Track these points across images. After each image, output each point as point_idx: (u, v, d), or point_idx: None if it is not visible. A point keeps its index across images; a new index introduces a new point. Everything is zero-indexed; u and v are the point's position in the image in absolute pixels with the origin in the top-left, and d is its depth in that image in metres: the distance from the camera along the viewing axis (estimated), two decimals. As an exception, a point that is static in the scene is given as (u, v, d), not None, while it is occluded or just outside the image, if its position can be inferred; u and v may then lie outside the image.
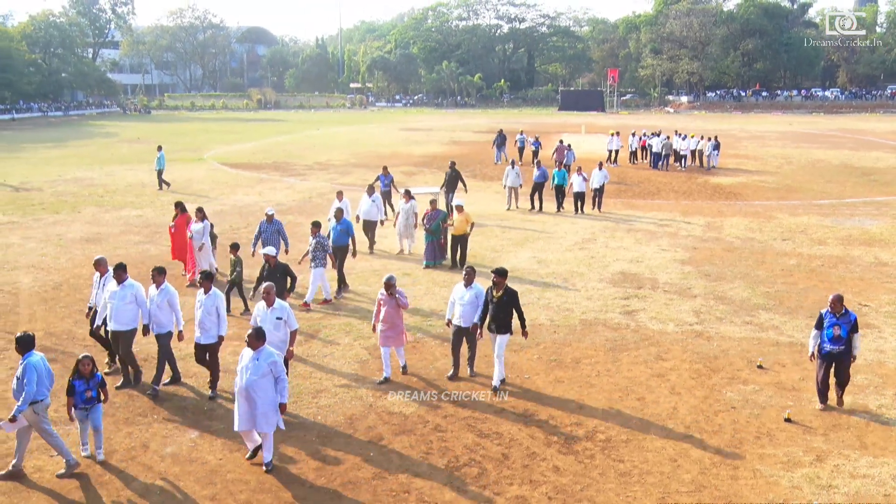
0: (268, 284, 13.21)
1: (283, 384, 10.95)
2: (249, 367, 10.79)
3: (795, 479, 10.97)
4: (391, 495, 10.57)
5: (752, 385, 14.23)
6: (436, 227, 22.45)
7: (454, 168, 30.64)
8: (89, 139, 68.04)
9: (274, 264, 16.14)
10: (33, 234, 26.62)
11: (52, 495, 10.43)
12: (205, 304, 13.50)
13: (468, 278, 14.31)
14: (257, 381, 10.72)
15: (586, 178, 31.18)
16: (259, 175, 43.12)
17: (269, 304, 12.95)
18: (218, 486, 10.76)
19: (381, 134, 74.23)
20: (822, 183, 40.78)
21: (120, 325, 13.76)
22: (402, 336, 14.38)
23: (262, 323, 12.57)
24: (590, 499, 10.47)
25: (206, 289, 13.65)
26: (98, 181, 39.91)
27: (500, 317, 13.86)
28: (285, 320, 12.94)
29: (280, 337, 12.78)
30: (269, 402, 10.83)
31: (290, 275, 16.25)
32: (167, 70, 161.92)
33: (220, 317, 13.59)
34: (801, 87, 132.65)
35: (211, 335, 13.58)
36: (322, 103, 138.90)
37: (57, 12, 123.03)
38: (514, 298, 13.97)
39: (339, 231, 20.15)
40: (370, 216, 24.21)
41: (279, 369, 10.94)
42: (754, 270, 22.37)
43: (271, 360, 10.89)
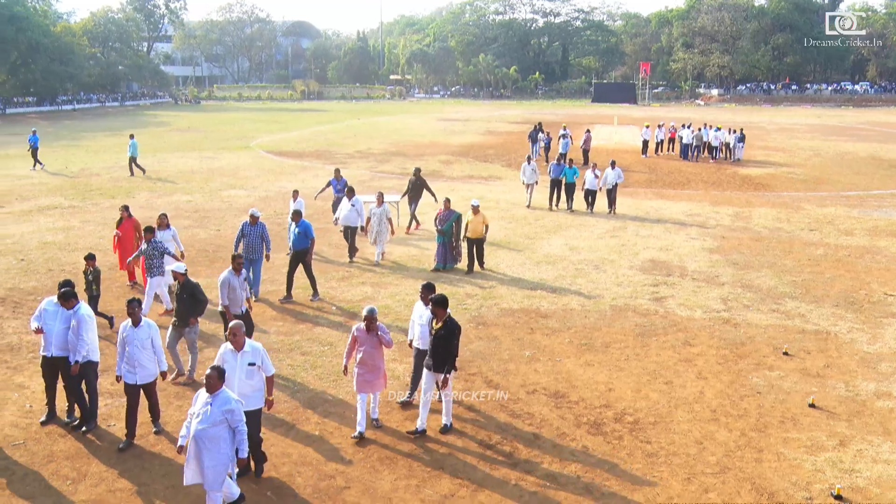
0: (235, 324, 10.40)
1: (241, 436, 9.07)
2: (202, 413, 8.96)
3: (818, 462, 10.90)
4: (426, 471, 10.65)
5: (777, 371, 14.13)
6: (448, 228, 20.41)
7: (419, 175, 25.97)
8: (143, 128, 68.71)
9: (182, 282, 13.33)
10: (91, 218, 27.01)
11: (111, 463, 10.65)
12: (138, 337, 11.14)
13: (424, 296, 12.23)
14: (207, 430, 8.91)
15: (598, 175, 29.18)
16: (302, 163, 43.34)
17: (237, 346, 10.21)
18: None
19: (419, 124, 74.25)
20: (850, 175, 40.22)
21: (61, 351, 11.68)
22: (382, 379, 11.73)
23: (230, 371, 9.98)
24: (617, 478, 10.47)
25: (137, 320, 11.27)
26: (151, 168, 40.28)
27: (438, 353, 11.41)
28: (259, 366, 10.33)
29: (253, 385, 10.28)
30: (221, 456, 9.01)
31: (199, 297, 13.37)
32: (216, 62, 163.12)
33: (156, 350, 11.35)
34: (830, 80, 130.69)
35: (150, 372, 11.33)
36: (363, 94, 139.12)
37: (115, 8, 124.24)
38: (452, 333, 11.43)
39: (297, 234, 18.09)
40: (349, 221, 21.55)
41: (236, 418, 9.02)
42: (781, 260, 22.17)
43: (227, 406, 8.97)
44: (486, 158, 45.88)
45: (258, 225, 17.71)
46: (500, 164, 42.91)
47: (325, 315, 16.79)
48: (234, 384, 9.89)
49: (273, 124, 73.27)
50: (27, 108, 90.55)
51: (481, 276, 20.09)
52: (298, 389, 13.13)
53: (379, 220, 21.05)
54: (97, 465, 10.60)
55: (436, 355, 11.45)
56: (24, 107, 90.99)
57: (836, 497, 9.99)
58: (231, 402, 9.04)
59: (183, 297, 13.16)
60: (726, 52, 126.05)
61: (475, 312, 17.18)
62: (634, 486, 10.28)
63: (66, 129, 66.41)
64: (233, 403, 9.05)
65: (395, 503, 9.91)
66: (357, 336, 11.49)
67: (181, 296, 13.20)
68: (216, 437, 8.95)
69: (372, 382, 11.51)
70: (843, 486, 10.20)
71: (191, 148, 50.74)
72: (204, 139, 57.29)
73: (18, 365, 13.94)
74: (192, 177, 37.45)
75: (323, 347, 14.93)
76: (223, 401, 9.01)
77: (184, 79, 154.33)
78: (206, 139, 57.17)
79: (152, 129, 68.06)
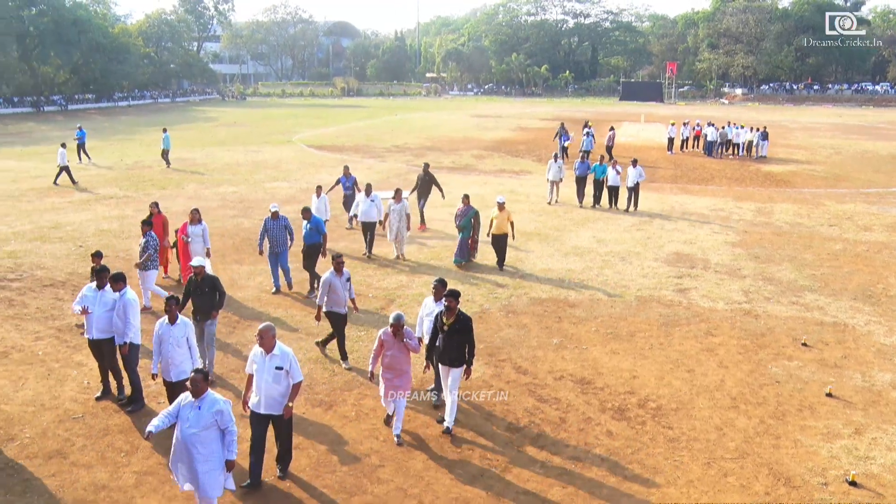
0: (265, 326, 9.74)
1: (230, 437, 8.60)
2: (189, 417, 8.46)
3: (834, 449, 10.79)
4: (456, 452, 10.68)
5: (796, 361, 13.99)
6: (466, 223, 19.79)
7: (427, 171, 24.87)
8: (192, 123, 69.36)
9: (203, 276, 12.87)
10: (144, 208, 27.03)
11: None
12: (174, 335, 10.80)
13: (437, 292, 11.89)
14: (197, 434, 8.44)
15: (620, 171, 28.43)
16: (341, 156, 43.43)
17: (266, 349, 9.62)
18: (300, 437, 10.97)
19: (453, 120, 74.13)
20: (870, 172, 39.59)
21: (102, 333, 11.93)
22: (409, 382, 11.14)
23: (259, 373, 9.62)
24: (640, 462, 10.45)
25: (173, 318, 10.87)
26: (199, 161, 40.68)
27: (452, 348, 11.04)
28: (287, 370, 9.69)
29: (280, 391, 9.66)
30: (214, 459, 8.57)
31: (219, 290, 12.99)
32: (261, 61, 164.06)
33: (191, 348, 11.01)
34: (851, 81, 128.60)
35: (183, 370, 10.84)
36: (400, 91, 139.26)
37: (168, 10, 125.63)
38: (468, 327, 11.09)
39: (308, 229, 17.55)
40: (368, 217, 20.72)
41: (226, 419, 8.54)
42: (802, 254, 21.90)
43: (216, 408, 8.49)
44: (517, 153, 45.73)
45: (280, 218, 17.45)
46: (530, 159, 42.74)
47: (363, 301, 16.85)
48: (261, 387, 9.56)
49: (314, 120, 73.55)
50: (87, 105, 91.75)
51: (511, 266, 20.05)
52: (337, 372, 13.21)
53: (399, 216, 20.21)
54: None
55: (451, 350, 11.02)
56: (83, 103, 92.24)
57: (851, 483, 9.90)
58: (219, 403, 8.55)
59: (204, 291, 12.73)
60: (750, 53, 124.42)
61: (505, 301, 17.17)
62: (656, 470, 10.24)
63: (122, 124, 67.18)
64: (221, 404, 8.56)
65: (427, 481, 9.95)
66: (384, 340, 10.91)
67: (202, 289, 12.73)
68: (207, 440, 8.50)
69: (399, 388, 10.91)
70: (858, 473, 10.10)
71: (236, 142, 51.12)
72: (249, 134, 57.68)
73: (77, 344, 14.15)
74: (238, 169, 37.70)
75: (360, 332, 14.99)
76: (211, 402, 8.51)
77: (231, 76, 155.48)
78: (251, 134, 57.55)
79: (201, 124, 68.63)
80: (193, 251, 16.88)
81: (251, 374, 9.80)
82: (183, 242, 17.28)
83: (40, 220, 25.09)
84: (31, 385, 12.51)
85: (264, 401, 9.59)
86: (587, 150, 37.84)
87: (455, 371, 11.08)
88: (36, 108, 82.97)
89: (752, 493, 9.75)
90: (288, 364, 9.66)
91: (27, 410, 11.67)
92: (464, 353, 11.05)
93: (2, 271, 19.07)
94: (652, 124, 66.70)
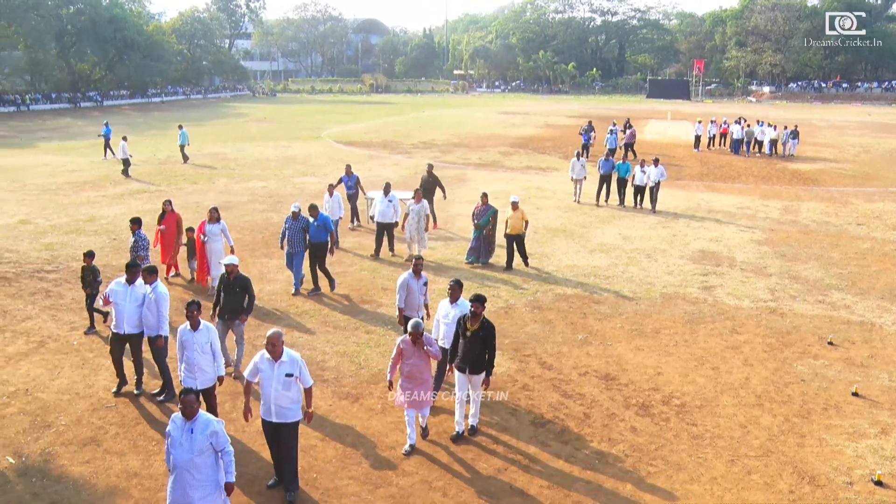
0: (275, 333, 9.33)
1: (228, 458, 8.00)
2: (182, 441, 7.79)
3: (860, 449, 10.66)
4: (481, 445, 10.68)
5: (822, 360, 13.84)
6: (484, 223, 19.40)
7: (431, 172, 23.95)
8: (224, 119, 69.82)
9: (235, 276, 12.52)
10: (176, 202, 27.15)
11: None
12: (197, 341, 10.32)
13: (453, 294, 11.59)
14: (193, 459, 7.77)
15: (646, 171, 27.55)
16: (369, 152, 43.57)
17: (275, 356, 9.23)
18: (327, 428, 11.05)
19: (481, 117, 73.98)
20: (898, 171, 39.04)
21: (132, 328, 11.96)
22: (430, 394, 10.63)
23: (267, 381, 9.19)
24: (663, 458, 10.39)
25: (196, 323, 10.39)
26: (230, 156, 40.97)
27: (473, 354, 10.55)
28: (297, 376, 9.31)
29: (291, 397, 9.28)
30: (209, 485, 7.94)
31: (250, 292, 12.57)
32: (291, 58, 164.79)
33: (215, 354, 10.55)
34: (881, 79, 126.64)
35: (210, 378, 10.51)
36: (428, 88, 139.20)
37: (201, 8, 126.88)
38: (491, 334, 10.64)
39: (315, 227, 17.08)
40: (385, 217, 19.97)
41: (221, 440, 7.94)
42: (829, 252, 21.65)
43: (210, 429, 7.86)
44: (543, 150, 45.58)
45: (300, 219, 16.93)
46: (557, 156, 42.55)
47: (390, 295, 16.89)
48: (270, 395, 9.15)
49: (343, 116, 73.75)
50: (121, 101, 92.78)
51: (538, 262, 19.99)
52: (363, 365, 13.25)
53: (417, 216, 19.61)
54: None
55: (471, 357, 10.56)
56: (118, 99, 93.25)
57: (877, 483, 9.78)
58: (213, 424, 7.93)
59: (236, 290, 12.41)
60: (778, 51, 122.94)
61: (531, 297, 17.13)
62: (679, 466, 10.18)
63: (155, 119, 67.76)
64: (215, 424, 7.95)
65: (452, 474, 9.96)
66: (403, 349, 10.36)
67: (233, 288, 12.42)
68: (202, 465, 7.85)
69: (420, 401, 10.40)
70: (884, 473, 9.98)
71: (266, 137, 51.40)
72: (279, 129, 58.01)
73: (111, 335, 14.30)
74: (268, 164, 37.91)
75: (386, 327, 15.02)
76: (204, 424, 7.88)
77: (261, 73, 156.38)
78: (281, 129, 57.88)
79: (232, 119, 69.07)
80: (211, 250, 16.68)
81: (250, 381, 9.45)
82: (200, 242, 16.84)
83: (76, 213, 25.40)
84: (67, 374, 12.69)
85: (274, 409, 9.23)
86: (611, 149, 37.63)
87: (475, 377, 10.71)
88: (73, 104, 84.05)
89: (775, 491, 9.67)
90: (297, 370, 9.29)
91: (62, 399, 11.85)
92: (484, 359, 10.62)
93: (39, 263, 19.34)
94: (679, 122, 66.16)
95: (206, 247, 16.75)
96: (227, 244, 17.20)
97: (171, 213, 17.57)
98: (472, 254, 19.74)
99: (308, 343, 14.24)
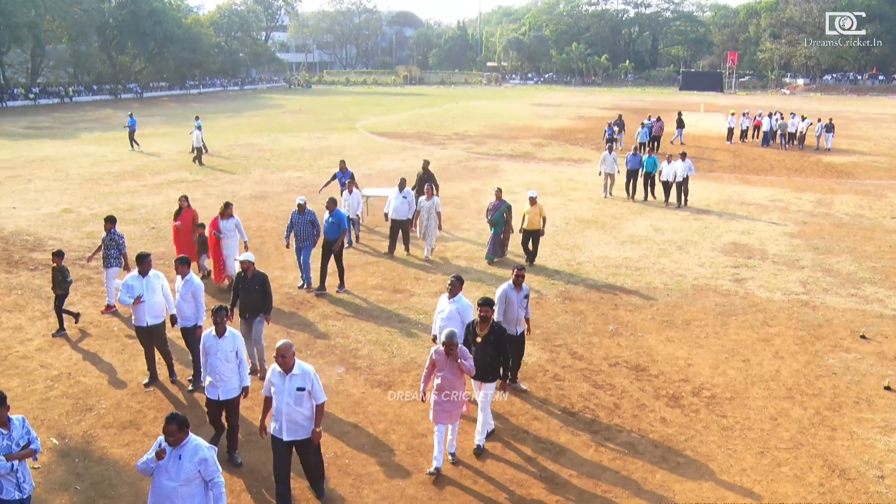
0: (285, 344, 8.62)
1: (218, 490, 7.23)
2: (170, 469, 7.07)
3: (892, 443, 10.51)
4: (512, 434, 10.68)
5: (854, 353, 13.64)
6: (498, 219, 18.72)
7: (427, 169, 22.32)
8: (260, 110, 70.25)
9: (252, 273, 12.15)
10: (212, 191, 27.79)
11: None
12: (222, 349, 9.67)
13: (452, 289, 10.97)
14: (176, 489, 7.06)
15: (672, 165, 26.35)
16: (403, 143, 43.60)
17: (285, 369, 8.57)
18: (360, 415, 11.11)
19: (513, 108, 73.69)
20: (935, 164, 38.30)
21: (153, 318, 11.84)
22: (461, 409, 9.79)
23: (278, 395, 8.56)
24: (693, 449, 10.32)
25: (222, 330, 9.75)
26: (266, 146, 41.22)
27: (485, 361, 9.95)
28: (309, 391, 8.61)
29: (304, 413, 8.62)
30: None
31: (267, 290, 12.18)
32: (326, 49, 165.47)
33: (241, 364, 9.82)
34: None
35: (232, 388, 9.78)
36: (461, 80, 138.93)
37: (238, 1, 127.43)
38: (502, 338, 10.15)
39: (329, 223, 16.42)
40: (399, 214, 19.11)
41: (211, 469, 7.16)
42: (862, 246, 21.31)
43: (199, 456, 7.11)
44: (576, 142, 45.30)
45: (306, 212, 16.39)
46: (589, 148, 42.25)
47: (422, 285, 16.92)
48: (282, 411, 8.53)
49: (377, 107, 73.85)
50: (160, 92, 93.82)
51: (569, 253, 19.92)
52: (396, 354, 13.30)
53: (428, 213, 18.93)
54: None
55: (483, 364, 9.91)
56: (157, 91, 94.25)
57: (909, 477, 9.64)
58: (202, 451, 7.16)
59: (254, 288, 11.99)
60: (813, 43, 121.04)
61: (562, 288, 17.08)
62: (709, 457, 10.11)
63: (193, 110, 68.21)
64: (205, 451, 7.18)
65: (483, 462, 9.97)
66: (436, 360, 9.60)
67: (251, 286, 12.00)
68: (189, 496, 7.13)
69: (451, 412, 9.64)
70: (916, 467, 9.83)
71: (302, 128, 51.64)
72: (314, 120, 58.28)
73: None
74: (303, 155, 38.09)
75: (419, 315, 15.06)
76: (193, 451, 7.13)
77: (297, 65, 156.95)
78: (316, 120, 58.14)
79: (268, 110, 69.47)
80: (226, 246, 16.21)
81: (268, 396, 8.78)
82: (214, 238, 16.24)
83: (116, 202, 25.73)
84: (107, 359, 12.89)
85: (286, 426, 8.57)
86: (641, 143, 37.13)
87: (488, 386, 10.14)
88: (113, 96, 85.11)
89: (805, 483, 9.56)
90: (310, 384, 8.60)
91: (103, 383, 12.06)
92: (497, 366, 10.12)
93: (81, 251, 19.62)
94: (711, 114, 65.41)
95: (221, 243, 16.23)
96: (241, 240, 16.59)
97: (188, 209, 17.01)
98: (492, 251, 19.07)
99: (341, 331, 14.33)
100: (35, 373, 12.41)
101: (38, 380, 12.14)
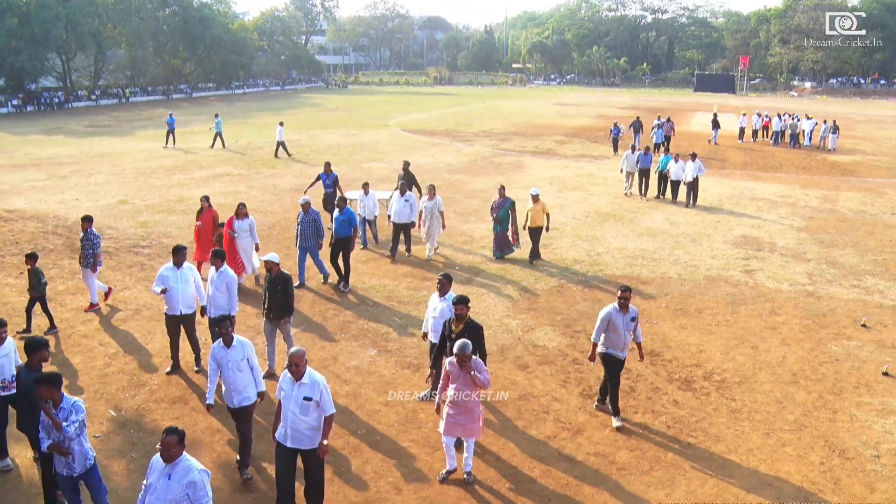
0: (297, 352, 7.95)
1: None
2: (158, 486, 6.47)
3: (888, 425, 10.42)
4: (532, 414, 10.68)
5: (855, 341, 13.49)
6: (503, 216, 17.99)
7: (407, 170, 20.82)
8: (299, 108, 70.44)
9: (276, 273, 11.56)
10: (255, 184, 27.96)
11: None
12: (233, 359, 8.94)
13: (442, 288, 10.58)
14: None
15: (679, 164, 25.80)
16: (433, 140, 43.55)
17: (297, 376, 7.88)
18: (390, 395, 11.16)
19: (537, 107, 73.22)
20: (936, 163, 37.60)
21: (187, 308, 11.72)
22: (476, 424, 8.88)
23: (286, 401, 7.91)
24: (703, 430, 10.27)
25: (229, 340, 9.02)
26: (305, 142, 41.34)
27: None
28: (317, 401, 7.87)
29: (309, 423, 7.90)
30: None
31: (289, 292, 11.57)
32: (362, 52, 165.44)
33: (254, 370, 9.11)
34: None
35: (247, 396, 9.04)
36: (488, 80, 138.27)
37: (280, 7, 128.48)
38: (478, 335, 9.58)
39: (340, 221, 15.90)
40: (401, 217, 18.03)
41: (199, 494, 6.45)
42: (864, 240, 21.02)
43: (188, 478, 6.44)
44: (596, 140, 44.95)
45: (310, 212, 15.70)
46: (609, 145, 41.79)
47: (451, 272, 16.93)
48: (287, 417, 7.91)
49: (408, 106, 73.76)
50: (208, 93, 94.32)
51: (589, 245, 19.83)
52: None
53: (430, 213, 17.99)
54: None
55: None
56: (205, 91, 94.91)
57: (908, 459, 9.53)
58: (193, 473, 6.47)
59: (278, 289, 11.48)
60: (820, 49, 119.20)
61: (582, 277, 17.02)
62: (718, 438, 10.06)
63: (238, 109, 68.69)
64: (195, 474, 6.47)
65: (505, 439, 9.99)
66: (450, 371, 8.85)
67: (275, 287, 11.49)
68: None
69: (464, 426, 8.80)
70: (915, 450, 9.71)
71: (338, 126, 51.73)
72: (349, 118, 58.35)
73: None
74: (339, 150, 38.14)
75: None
76: (184, 471, 6.47)
77: (334, 66, 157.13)
78: (351, 118, 58.21)
79: (307, 109, 69.64)
80: (240, 247, 15.43)
81: (279, 400, 8.14)
82: (229, 238, 15.36)
83: (167, 194, 25.98)
84: (159, 339, 13.02)
85: (290, 433, 7.94)
86: (657, 143, 36.72)
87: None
88: (165, 96, 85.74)
89: (807, 462, 9.49)
90: (318, 394, 7.85)
91: (155, 361, 12.21)
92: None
93: (135, 239, 19.87)
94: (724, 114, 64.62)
95: (235, 243, 15.41)
96: (253, 241, 15.73)
97: (209, 209, 16.33)
98: (498, 249, 18.40)
99: (373, 316, 14.39)
100: (95, 350, 12.62)
101: (98, 357, 12.34)
